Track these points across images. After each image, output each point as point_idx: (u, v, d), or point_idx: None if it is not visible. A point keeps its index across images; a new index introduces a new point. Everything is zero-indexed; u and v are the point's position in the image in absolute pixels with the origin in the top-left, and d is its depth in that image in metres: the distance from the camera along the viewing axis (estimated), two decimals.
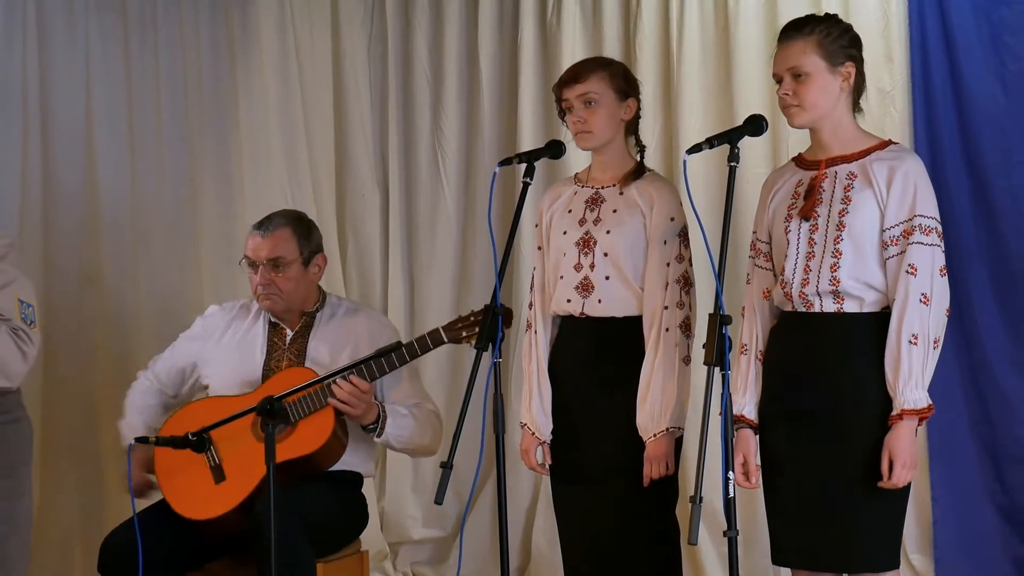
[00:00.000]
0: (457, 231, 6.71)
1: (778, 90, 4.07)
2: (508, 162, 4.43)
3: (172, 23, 6.38)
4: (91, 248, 6.18)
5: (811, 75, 4.00)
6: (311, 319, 4.98)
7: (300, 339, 4.95)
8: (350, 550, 4.95)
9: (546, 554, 6.26)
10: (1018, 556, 5.67)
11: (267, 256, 4.88)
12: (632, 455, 4.39)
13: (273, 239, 4.90)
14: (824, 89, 4.02)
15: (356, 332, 4.96)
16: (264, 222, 4.96)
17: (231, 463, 4.72)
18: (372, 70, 6.87)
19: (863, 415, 3.96)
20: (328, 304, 5.03)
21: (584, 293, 4.47)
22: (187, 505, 4.71)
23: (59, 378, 6.00)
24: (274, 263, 4.88)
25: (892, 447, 3.89)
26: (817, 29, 4.02)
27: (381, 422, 4.76)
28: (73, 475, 6.01)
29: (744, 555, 4.61)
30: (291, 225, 4.95)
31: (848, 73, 4.04)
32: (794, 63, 4.01)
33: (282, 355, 4.93)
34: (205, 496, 4.70)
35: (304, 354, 4.91)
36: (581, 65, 4.57)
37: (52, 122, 6.12)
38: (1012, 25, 5.59)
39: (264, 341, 4.97)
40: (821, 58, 4.00)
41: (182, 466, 4.73)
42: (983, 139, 5.65)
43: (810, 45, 4.00)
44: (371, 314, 5.16)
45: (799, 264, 4.04)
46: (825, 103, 4.03)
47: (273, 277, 4.87)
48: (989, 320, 5.66)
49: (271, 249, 4.88)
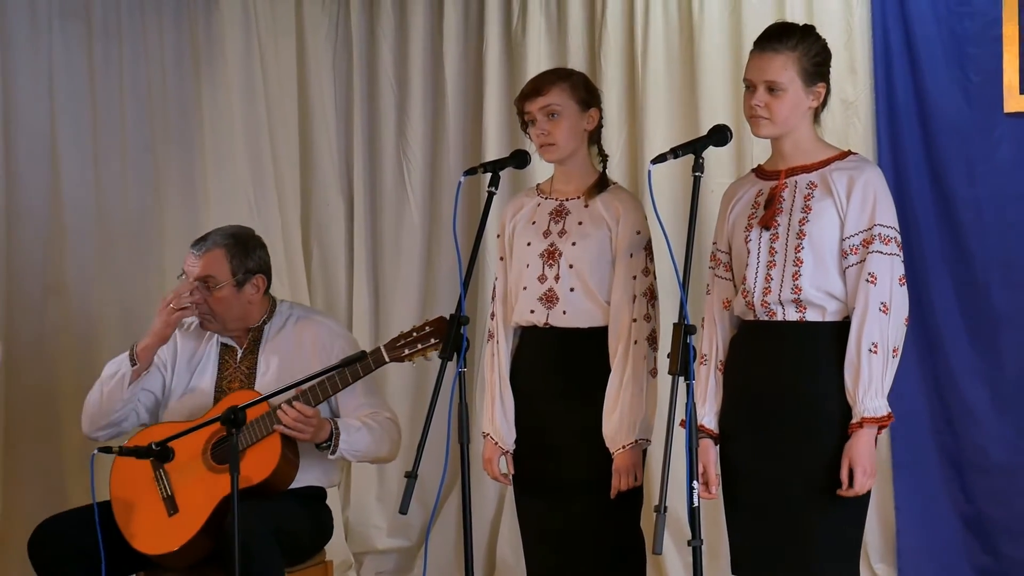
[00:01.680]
0: (422, 240, 6.70)
1: (747, 96, 4.06)
2: (473, 171, 4.41)
3: (136, 32, 6.38)
4: (55, 257, 6.17)
5: (788, 92, 4.00)
6: (259, 333, 4.92)
7: (250, 355, 4.89)
8: (315, 560, 4.94)
9: (511, 564, 6.26)
10: (981, 565, 5.70)
11: (198, 276, 4.81)
12: (597, 465, 4.38)
13: (205, 259, 4.82)
14: (796, 105, 4.03)
15: (303, 344, 4.89)
16: (200, 240, 4.87)
17: (183, 494, 4.70)
18: (337, 79, 6.86)
19: (823, 425, 3.96)
20: (278, 314, 4.96)
21: (549, 304, 4.47)
22: (143, 540, 4.69)
23: (22, 387, 5.99)
24: (204, 283, 4.81)
25: (852, 455, 3.90)
26: (800, 46, 4.01)
27: (334, 440, 4.70)
28: (36, 483, 5.99)
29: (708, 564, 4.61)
30: (225, 246, 4.84)
31: (820, 93, 4.05)
32: (773, 77, 4.00)
33: (234, 374, 4.89)
34: (160, 529, 4.68)
35: (255, 371, 4.88)
36: (542, 77, 4.56)
37: (15, 131, 6.11)
38: (975, 36, 5.63)
39: (215, 360, 4.94)
40: (799, 76, 4.00)
41: (136, 499, 4.72)
42: (946, 150, 5.68)
43: (791, 61, 3.99)
44: (320, 323, 5.01)
45: (760, 273, 4.04)
46: (794, 118, 4.04)
47: (205, 297, 4.81)
48: (952, 330, 5.69)
49: (202, 269, 4.81)
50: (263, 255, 4.93)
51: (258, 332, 4.92)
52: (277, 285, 6.42)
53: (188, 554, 4.65)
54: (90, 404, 4.90)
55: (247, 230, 4.98)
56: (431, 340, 4.61)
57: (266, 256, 4.94)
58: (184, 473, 4.69)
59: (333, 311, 6.77)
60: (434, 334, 4.60)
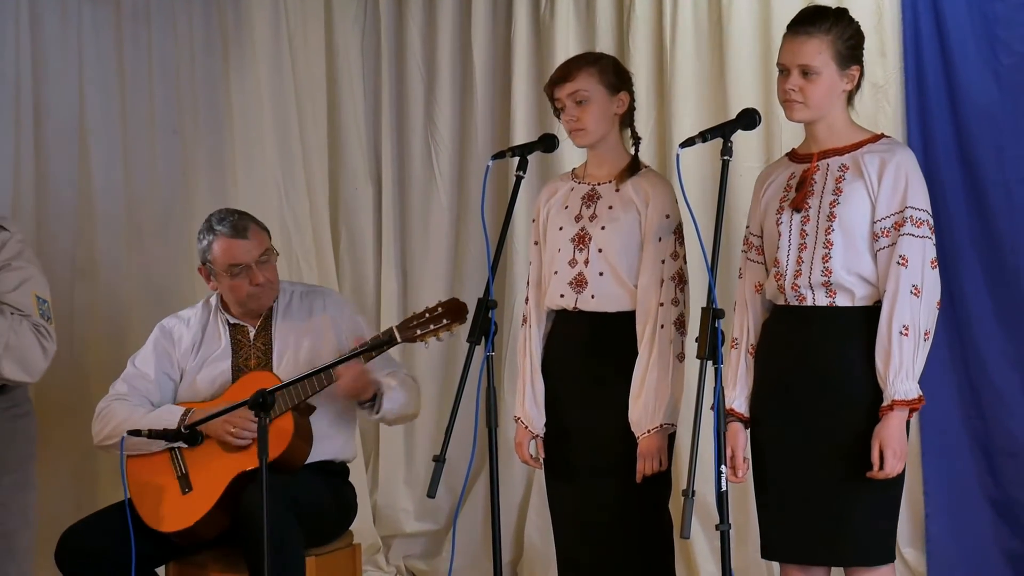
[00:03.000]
0: (450, 224, 6.70)
1: (781, 80, 4.05)
2: (501, 155, 4.42)
3: (165, 16, 6.38)
4: (84, 241, 6.18)
5: (822, 75, 4.00)
6: (269, 311, 4.99)
7: (263, 333, 4.95)
8: (342, 543, 4.96)
9: (539, 547, 6.26)
10: (1010, 549, 5.67)
11: (258, 255, 4.88)
12: (625, 450, 4.38)
13: (257, 238, 4.91)
14: (831, 89, 4.02)
15: (314, 315, 4.98)
16: (235, 225, 4.90)
17: (197, 472, 4.74)
18: (365, 63, 6.86)
19: (854, 409, 3.96)
20: (282, 292, 5.03)
21: (578, 288, 4.47)
22: (158, 518, 4.72)
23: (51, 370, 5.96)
24: (263, 258, 4.89)
25: (883, 437, 3.90)
26: (834, 29, 4.01)
27: (378, 399, 4.77)
28: (66, 467, 6.01)
29: (736, 548, 4.62)
30: (255, 223, 4.94)
31: (854, 75, 4.05)
32: (807, 61, 3.99)
33: (249, 352, 4.92)
34: (175, 507, 4.72)
35: (271, 349, 4.92)
36: (570, 63, 4.56)
37: (45, 114, 6.12)
38: (1005, 19, 5.59)
39: (228, 342, 4.97)
40: (833, 59, 4.00)
41: (150, 479, 4.76)
42: (976, 133, 5.64)
43: (825, 45, 3.99)
44: (326, 298, 5.11)
45: (791, 255, 4.04)
46: (829, 102, 4.04)
47: (265, 273, 4.89)
48: (982, 314, 5.66)
49: (258, 246, 4.90)
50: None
51: (269, 310, 4.98)
52: (306, 269, 6.46)
53: (203, 530, 4.68)
54: (111, 429, 4.86)
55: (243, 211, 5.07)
56: (443, 321, 4.63)
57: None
58: (198, 452, 4.73)
59: (361, 295, 6.78)
60: (446, 315, 4.64)
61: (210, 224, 4.93)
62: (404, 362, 6.02)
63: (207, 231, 4.92)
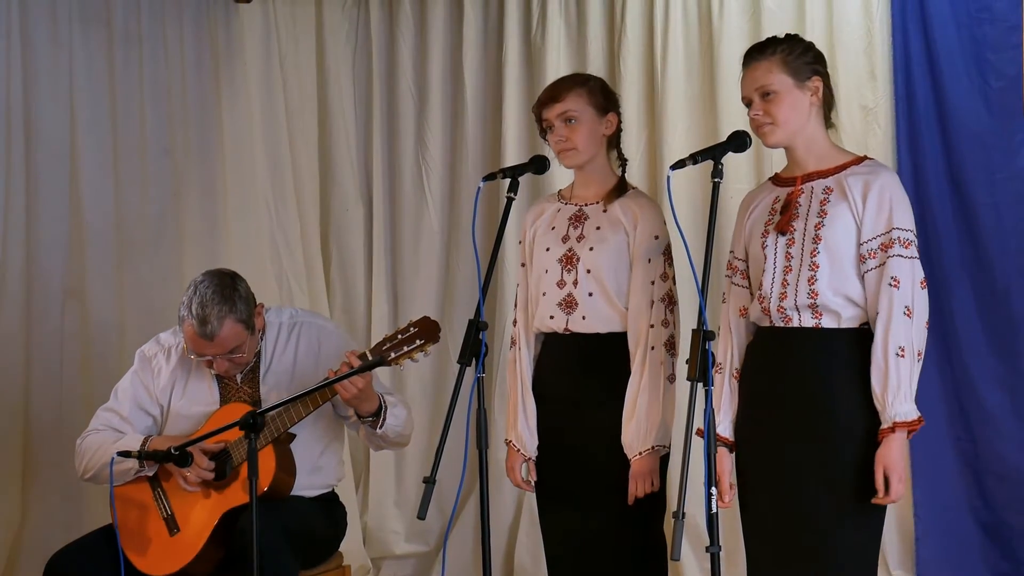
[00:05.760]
0: (441, 246, 6.71)
1: (749, 112, 4.09)
2: (492, 177, 4.42)
3: (156, 37, 6.39)
4: (74, 262, 6.18)
5: (779, 93, 4.03)
6: (256, 356, 4.83)
7: (252, 374, 4.83)
8: (331, 564, 4.94)
9: (529, 570, 6.26)
10: (1001, 571, 5.68)
11: (223, 353, 4.66)
12: (617, 472, 4.38)
13: (221, 339, 4.62)
14: (793, 105, 4.04)
15: (299, 359, 4.82)
16: (204, 320, 4.59)
17: (183, 513, 4.70)
18: (357, 84, 6.88)
19: (838, 433, 3.95)
20: (268, 326, 4.85)
21: (568, 310, 4.47)
22: (148, 563, 4.68)
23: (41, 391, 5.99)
24: (230, 354, 4.69)
25: (887, 462, 3.87)
26: (779, 49, 4.06)
27: (383, 413, 4.66)
28: (55, 489, 6.00)
29: (727, 570, 4.62)
30: (232, 315, 4.62)
31: (816, 87, 4.07)
32: (761, 83, 4.04)
33: (236, 395, 4.81)
34: (164, 550, 4.68)
35: (258, 392, 4.79)
36: (558, 84, 4.57)
37: (36, 135, 6.12)
38: (995, 42, 5.61)
39: (214, 383, 4.83)
40: (787, 75, 4.03)
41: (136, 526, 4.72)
42: (966, 156, 5.67)
43: (775, 64, 4.03)
44: (313, 333, 4.90)
45: (776, 278, 4.04)
46: (796, 119, 4.05)
47: (233, 359, 4.71)
48: (972, 336, 5.68)
49: (222, 348, 4.65)
50: (246, 286, 4.76)
51: (256, 356, 4.84)
52: (296, 291, 6.47)
53: (197, 568, 4.65)
54: (88, 461, 4.81)
55: (223, 277, 4.72)
56: (416, 341, 4.47)
57: (246, 283, 4.76)
58: (181, 491, 4.69)
59: (352, 317, 6.78)
60: (419, 335, 4.48)
61: (189, 297, 4.65)
62: (394, 383, 6.02)
63: (184, 304, 4.65)
